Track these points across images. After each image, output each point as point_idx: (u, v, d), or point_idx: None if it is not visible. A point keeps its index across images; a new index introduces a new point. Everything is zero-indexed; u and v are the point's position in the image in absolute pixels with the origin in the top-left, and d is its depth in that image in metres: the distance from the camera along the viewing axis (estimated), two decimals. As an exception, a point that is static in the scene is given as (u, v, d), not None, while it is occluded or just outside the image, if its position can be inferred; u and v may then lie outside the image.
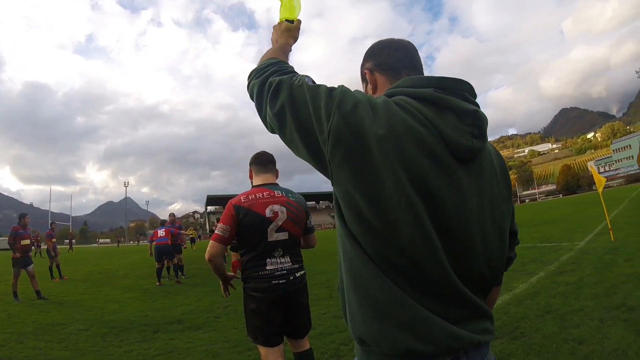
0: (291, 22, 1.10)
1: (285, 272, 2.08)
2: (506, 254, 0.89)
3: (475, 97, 0.83)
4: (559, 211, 22.86)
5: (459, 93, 0.80)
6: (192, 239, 24.06)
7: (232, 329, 4.38)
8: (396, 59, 0.93)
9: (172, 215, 10.29)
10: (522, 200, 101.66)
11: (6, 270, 8.91)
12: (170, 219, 9.98)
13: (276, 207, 2.09)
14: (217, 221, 2.45)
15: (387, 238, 0.72)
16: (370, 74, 0.95)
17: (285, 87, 0.80)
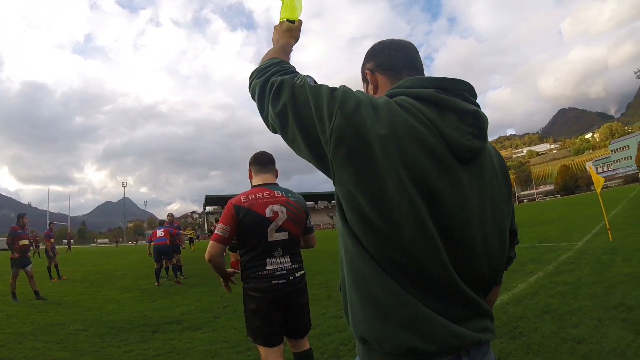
0: (292, 23, 1.10)
1: (285, 272, 2.08)
2: (506, 254, 0.89)
3: (475, 98, 0.83)
4: (557, 211, 22.91)
5: (460, 93, 0.80)
6: (191, 239, 24.07)
7: (231, 329, 4.37)
8: (397, 60, 0.93)
9: (171, 215, 10.29)
10: (521, 200, 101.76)
11: (4, 270, 8.88)
12: (168, 219, 9.98)
13: (276, 207, 2.09)
14: (216, 221, 2.45)
15: (389, 238, 0.72)
16: (371, 74, 0.96)
17: (287, 87, 0.81)
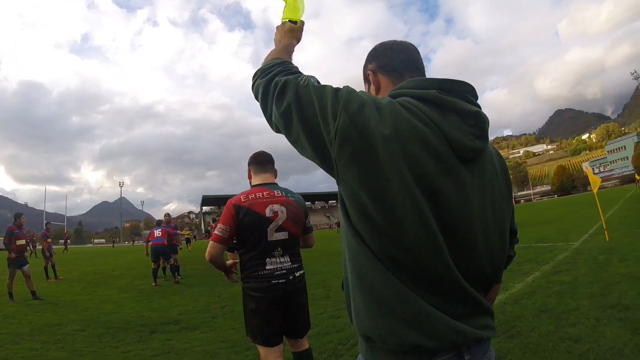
0: (294, 23, 1.10)
1: (284, 272, 2.08)
2: (506, 253, 0.90)
3: (476, 99, 0.84)
4: (554, 212, 23.02)
5: (462, 94, 0.81)
6: (188, 239, 24.07)
7: (229, 329, 4.37)
8: (399, 61, 0.94)
9: (168, 215, 10.26)
10: (517, 200, 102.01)
11: (1, 270, 8.83)
12: (165, 219, 9.95)
13: (276, 207, 2.09)
14: (213, 221, 2.45)
15: (393, 236, 0.73)
16: (373, 75, 0.97)
17: (291, 87, 0.81)
